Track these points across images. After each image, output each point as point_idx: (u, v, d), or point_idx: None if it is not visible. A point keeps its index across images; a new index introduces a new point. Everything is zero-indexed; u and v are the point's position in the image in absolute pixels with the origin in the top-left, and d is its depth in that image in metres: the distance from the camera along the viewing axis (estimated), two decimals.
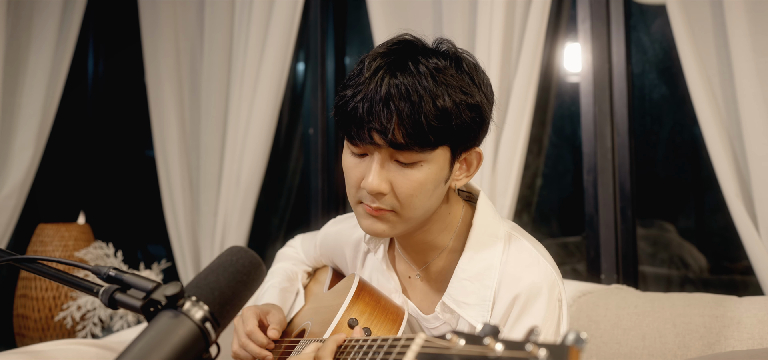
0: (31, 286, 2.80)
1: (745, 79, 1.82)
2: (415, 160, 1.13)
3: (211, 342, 0.76)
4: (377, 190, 1.14)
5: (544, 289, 1.17)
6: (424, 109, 1.09)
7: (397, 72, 1.11)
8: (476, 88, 1.16)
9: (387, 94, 1.10)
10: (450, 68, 1.14)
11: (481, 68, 1.20)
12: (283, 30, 2.62)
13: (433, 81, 1.11)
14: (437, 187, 1.18)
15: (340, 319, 1.24)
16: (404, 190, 1.15)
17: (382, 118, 1.10)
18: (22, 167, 2.87)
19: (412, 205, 1.16)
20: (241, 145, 2.67)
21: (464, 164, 1.23)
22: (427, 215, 1.21)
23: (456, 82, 1.13)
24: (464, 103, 1.13)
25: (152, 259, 3.00)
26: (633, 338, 1.66)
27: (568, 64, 2.35)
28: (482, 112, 1.17)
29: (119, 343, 2.02)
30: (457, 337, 0.66)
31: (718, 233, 2.20)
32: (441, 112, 1.10)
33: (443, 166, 1.17)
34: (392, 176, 1.15)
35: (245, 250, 0.85)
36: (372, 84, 1.11)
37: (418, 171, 1.14)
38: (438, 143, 1.12)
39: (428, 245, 1.29)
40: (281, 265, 1.63)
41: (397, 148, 1.12)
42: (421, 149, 1.12)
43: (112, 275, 0.87)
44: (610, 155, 2.15)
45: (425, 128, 1.09)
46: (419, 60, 1.13)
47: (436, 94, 1.10)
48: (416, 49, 1.16)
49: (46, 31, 2.91)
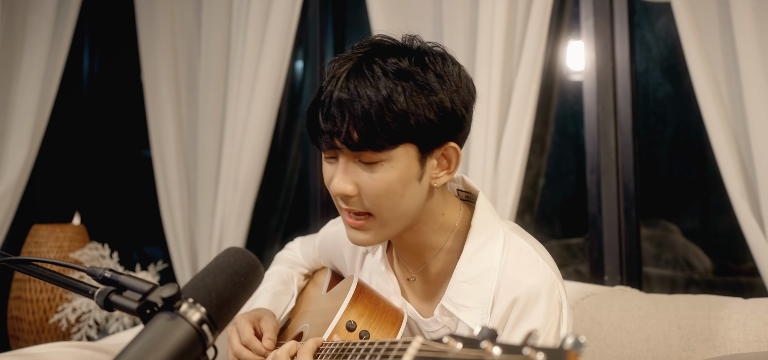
0: (26, 288, 2.78)
1: (751, 78, 1.80)
2: (375, 160, 1.14)
3: (208, 344, 0.76)
4: (342, 192, 1.17)
5: (544, 292, 1.16)
6: (374, 110, 1.10)
7: (353, 75, 1.13)
8: (441, 84, 1.15)
9: (339, 99, 1.12)
10: (411, 66, 1.14)
11: (450, 62, 1.20)
12: (281, 28, 2.62)
13: (388, 81, 1.12)
14: (408, 187, 1.17)
15: (338, 321, 1.24)
16: (370, 191, 1.16)
17: (337, 121, 1.12)
18: (16, 167, 2.85)
19: (383, 206, 1.17)
20: (239, 144, 2.67)
21: (443, 160, 1.21)
22: (408, 216, 1.20)
23: (416, 81, 1.13)
24: (424, 102, 1.13)
25: (148, 260, 2.99)
26: (637, 340, 1.65)
27: (571, 63, 2.34)
28: (446, 108, 1.15)
29: (115, 345, 2.01)
30: (454, 340, 0.67)
31: (723, 234, 2.19)
32: (394, 113, 1.11)
33: (409, 164, 1.16)
34: (358, 178, 1.17)
35: (243, 252, 0.85)
36: (329, 87, 1.15)
37: (381, 171, 1.15)
38: (396, 142, 1.13)
39: (423, 246, 1.28)
40: (276, 269, 1.62)
41: (356, 150, 1.13)
42: (377, 150, 1.13)
43: (107, 277, 0.87)
44: (613, 155, 2.14)
45: (378, 129, 1.11)
46: (376, 61, 1.14)
47: (390, 95, 1.11)
48: (378, 51, 1.17)
49: (40, 28, 2.89)
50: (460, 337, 0.66)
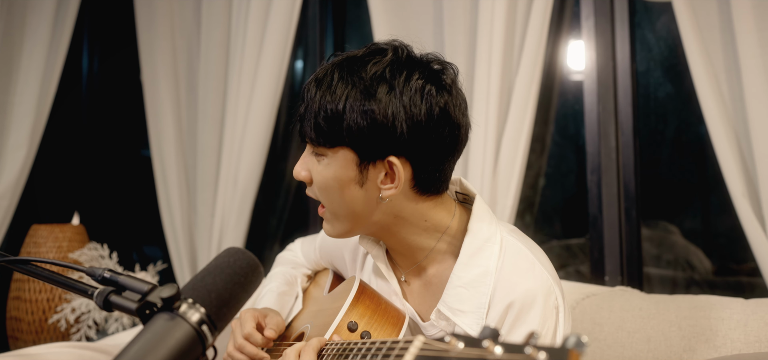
0: (25, 288, 2.78)
1: (752, 77, 1.80)
2: (320, 153, 1.21)
3: (207, 345, 0.76)
4: (296, 174, 1.26)
5: (539, 297, 1.16)
6: (314, 109, 1.18)
7: (324, 75, 1.20)
8: (387, 94, 1.15)
9: (305, 96, 1.22)
10: (368, 73, 1.16)
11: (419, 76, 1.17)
12: (281, 27, 2.61)
13: (341, 85, 1.17)
14: (346, 188, 1.20)
15: (339, 322, 1.24)
16: (316, 182, 1.24)
17: (301, 114, 1.23)
18: (15, 167, 2.84)
19: (326, 199, 1.24)
20: (238, 144, 2.66)
21: (391, 172, 1.19)
22: (357, 216, 1.23)
23: (361, 87, 1.15)
24: (360, 108, 1.15)
25: (148, 260, 2.98)
26: (638, 341, 1.64)
27: (572, 62, 2.34)
28: (377, 119, 1.14)
29: (114, 346, 2.01)
30: (456, 339, 0.67)
31: (724, 234, 2.19)
32: (328, 115, 1.16)
33: (346, 167, 1.19)
34: (311, 167, 1.24)
35: (243, 252, 0.85)
36: (304, 88, 1.25)
37: (323, 165, 1.21)
38: (332, 143, 1.18)
39: (409, 248, 1.28)
40: (280, 269, 1.62)
41: (309, 142, 1.23)
42: (319, 145, 1.20)
43: (106, 277, 0.87)
44: (614, 155, 2.13)
45: (316, 128, 1.19)
46: (345, 67, 1.19)
47: (331, 98, 1.17)
48: (357, 57, 1.21)
49: (39, 28, 2.89)
50: (462, 337, 0.67)
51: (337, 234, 1.28)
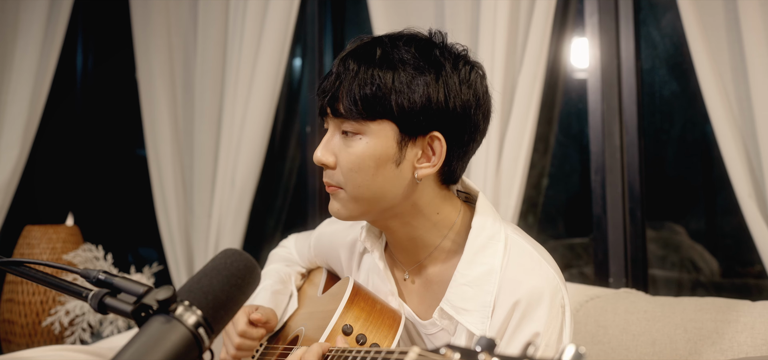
0: (18, 290, 2.77)
1: (758, 76, 1.79)
2: (355, 131, 1.18)
3: (204, 348, 0.76)
4: (320, 160, 1.22)
5: (546, 295, 1.15)
6: (359, 80, 1.16)
7: (358, 51, 1.20)
8: (438, 74, 1.17)
9: (338, 68, 1.20)
10: (413, 52, 1.18)
11: (465, 63, 1.21)
12: (279, 25, 2.61)
13: (383, 61, 1.17)
14: (382, 167, 1.18)
15: (334, 325, 1.25)
16: (346, 163, 1.20)
17: (333, 87, 1.19)
18: (7, 167, 2.84)
19: (355, 181, 1.20)
20: (236, 144, 2.66)
21: (429, 150, 1.20)
22: (382, 198, 1.21)
23: (409, 64, 1.17)
24: (412, 83, 1.16)
25: (143, 262, 2.97)
26: (643, 344, 1.63)
27: (576, 60, 2.33)
28: (432, 97, 1.16)
29: (109, 349, 2.01)
30: (451, 351, 0.67)
31: (730, 235, 2.18)
32: (377, 86, 1.15)
33: (387, 144, 1.17)
34: (337, 149, 1.21)
35: (240, 253, 0.85)
36: (337, 58, 1.23)
37: (358, 143, 1.18)
38: (374, 116, 1.16)
39: (415, 243, 1.27)
40: (273, 267, 1.62)
41: (340, 117, 1.19)
42: (358, 119, 1.17)
43: (101, 279, 0.87)
44: (618, 154, 2.12)
45: (366, 95, 1.15)
46: (384, 44, 1.19)
47: (378, 71, 1.16)
48: (393, 38, 1.21)
49: (32, 26, 2.88)
50: (457, 348, 0.67)
51: (347, 216, 1.25)
